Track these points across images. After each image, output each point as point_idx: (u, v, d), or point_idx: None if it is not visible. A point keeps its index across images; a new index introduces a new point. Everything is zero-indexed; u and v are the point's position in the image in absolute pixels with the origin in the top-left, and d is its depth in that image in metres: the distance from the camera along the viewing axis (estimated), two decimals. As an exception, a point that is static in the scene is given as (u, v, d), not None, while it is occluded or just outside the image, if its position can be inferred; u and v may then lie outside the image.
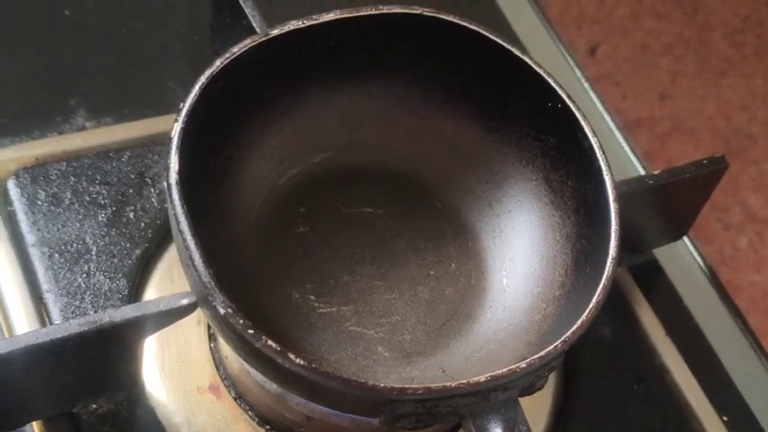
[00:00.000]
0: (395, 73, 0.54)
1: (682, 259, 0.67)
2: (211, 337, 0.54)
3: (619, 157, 0.70)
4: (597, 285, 0.46)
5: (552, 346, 0.44)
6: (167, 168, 0.45)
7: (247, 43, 0.49)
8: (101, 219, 0.57)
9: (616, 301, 0.62)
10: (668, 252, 0.65)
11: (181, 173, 0.45)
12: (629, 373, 0.60)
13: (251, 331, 0.42)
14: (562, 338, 0.45)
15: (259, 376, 0.50)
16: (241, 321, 0.42)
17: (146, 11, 0.68)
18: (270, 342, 0.42)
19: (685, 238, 0.66)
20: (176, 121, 0.46)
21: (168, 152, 0.45)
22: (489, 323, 0.51)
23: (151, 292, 0.56)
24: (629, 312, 0.62)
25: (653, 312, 0.62)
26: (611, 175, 0.49)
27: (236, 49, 0.48)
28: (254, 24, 0.56)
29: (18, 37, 0.65)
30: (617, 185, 0.49)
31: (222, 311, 0.43)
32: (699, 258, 0.67)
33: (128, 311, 0.47)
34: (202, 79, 0.47)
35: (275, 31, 0.49)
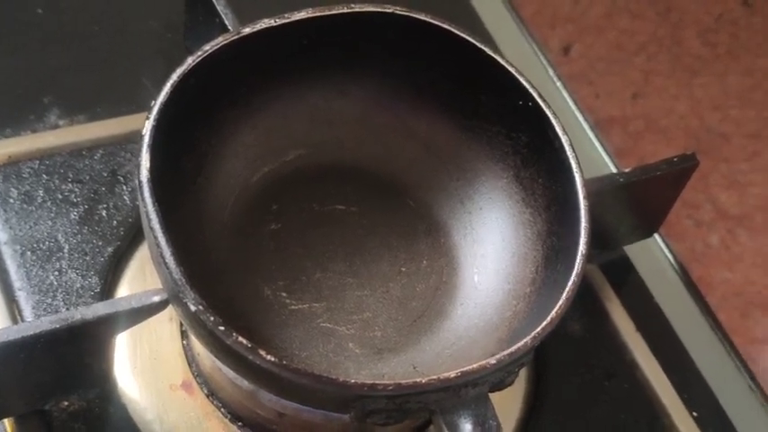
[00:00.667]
0: (367, 71, 0.54)
1: (653, 256, 0.67)
2: (183, 334, 0.55)
3: (591, 156, 0.70)
4: (567, 282, 0.46)
5: (522, 343, 0.45)
6: (139, 166, 0.45)
7: (219, 41, 0.49)
8: (73, 217, 0.57)
9: (587, 298, 0.62)
10: (639, 249, 0.66)
11: (152, 170, 0.45)
12: (600, 370, 0.60)
13: (222, 328, 0.42)
14: (532, 335, 0.45)
15: (231, 373, 0.50)
16: (212, 318, 0.42)
17: (119, 9, 0.68)
18: (240, 339, 0.42)
19: (656, 236, 0.67)
20: (148, 118, 0.46)
21: (140, 150, 0.45)
22: (460, 320, 0.52)
23: (123, 290, 0.56)
24: (600, 309, 0.62)
25: (624, 309, 0.63)
26: (581, 172, 0.49)
27: (209, 47, 0.48)
28: (227, 22, 0.56)
29: (-10, 34, 0.65)
30: (587, 183, 0.49)
31: (193, 308, 0.43)
32: (670, 255, 0.68)
33: (99, 308, 0.47)
34: (174, 77, 0.47)
35: (247, 30, 0.49)
